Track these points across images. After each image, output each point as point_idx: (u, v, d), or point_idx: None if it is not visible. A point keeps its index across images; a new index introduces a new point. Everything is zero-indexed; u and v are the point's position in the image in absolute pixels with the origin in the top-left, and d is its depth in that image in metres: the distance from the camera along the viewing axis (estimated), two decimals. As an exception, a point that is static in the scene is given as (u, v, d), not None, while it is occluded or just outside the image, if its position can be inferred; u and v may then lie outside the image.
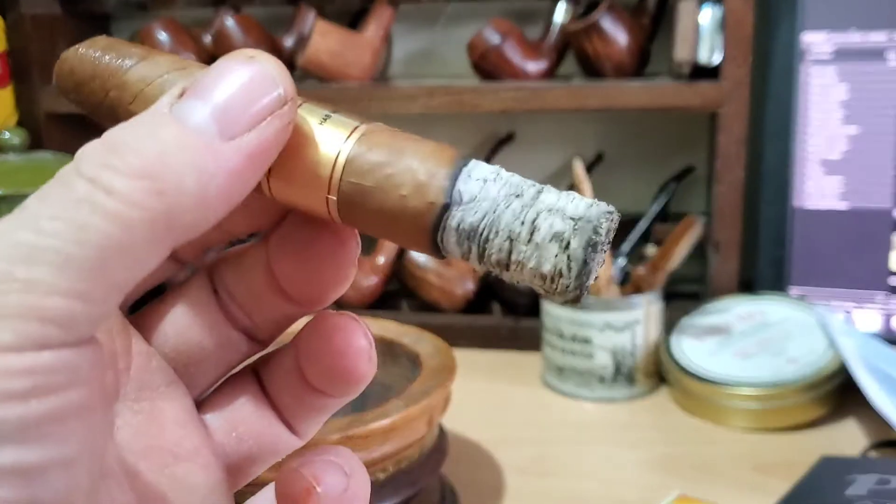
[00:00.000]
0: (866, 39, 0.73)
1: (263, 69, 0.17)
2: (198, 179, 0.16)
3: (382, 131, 0.18)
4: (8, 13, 0.90)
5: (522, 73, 0.78)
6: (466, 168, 0.18)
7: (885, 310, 0.75)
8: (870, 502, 0.46)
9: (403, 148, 0.17)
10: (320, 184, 0.17)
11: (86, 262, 0.15)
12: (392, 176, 0.17)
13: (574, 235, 0.16)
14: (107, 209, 0.15)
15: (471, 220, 0.17)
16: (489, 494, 0.55)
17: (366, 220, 0.17)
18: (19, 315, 0.14)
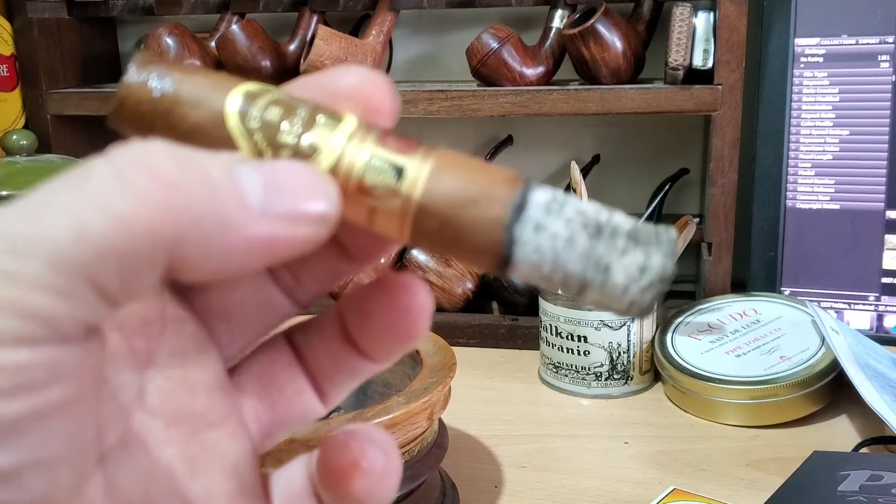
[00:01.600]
0: (857, 44, 0.74)
1: (325, 184, 0.17)
2: (214, 224, 0.15)
3: (444, 166, 0.18)
4: (15, 18, 0.91)
5: (521, 77, 0.79)
6: (524, 212, 0.17)
7: (876, 309, 0.76)
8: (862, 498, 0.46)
9: (465, 199, 0.18)
10: (400, 227, 0.18)
11: (79, 262, 0.14)
12: (458, 228, 0.17)
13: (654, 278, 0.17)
14: (114, 212, 0.14)
15: (533, 267, 0.17)
16: (488, 489, 0.56)
17: (438, 253, 0.18)
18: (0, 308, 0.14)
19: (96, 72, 0.99)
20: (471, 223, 0.17)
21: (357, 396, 0.55)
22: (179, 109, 0.17)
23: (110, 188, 0.15)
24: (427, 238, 0.18)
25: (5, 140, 0.79)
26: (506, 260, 0.17)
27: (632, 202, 0.92)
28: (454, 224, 0.17)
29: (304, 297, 0.21)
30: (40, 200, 0.15)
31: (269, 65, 0.84)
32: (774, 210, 0.77)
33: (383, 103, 0.19)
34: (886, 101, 0.74)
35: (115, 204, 0.14)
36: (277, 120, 0.17)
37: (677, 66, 0.74)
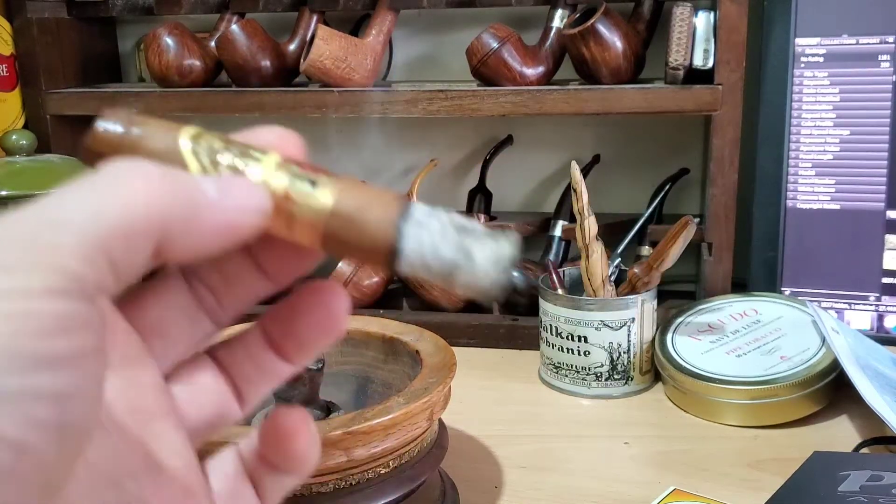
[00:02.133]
0: (858, 44, 0.74)
1: (259, 188, 0.22)
2: (189, 212, 0.21)
3: (348, 186, 0.23)
4: (15, 18, 0.91)
5: (521, 77, 0.79)
6: (408, 214, 0.23)
7: (877, 309, 0.76)
8: (862, 498, 0.46)
9: (365, 206, 0.23)
10: (314, 231, 0.23)
11: (97, 237, 0.19)
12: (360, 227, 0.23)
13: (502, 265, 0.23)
14: (120, 200, 0.19)
15: (417, 255, 0.23)
16: (488, 489, 0.56)
17: (341, 254, 0.24)
18: (45, 268, 0.18)
19: (96, 72, 0.99)
20: (370, 223, 0.22)
21: (357, 397, 0.55)
22: (143, 144, 0.23)
23: (114, 184, 0.20)
24: (335, 239, 0.23)
25: (5, 140, 0.79)
26: (397, 251, 0.22)
27: (632, 202, 0.92)
28: (357, 225, 0.22)
29: (224, 318, 0.26)
30: (64, 195, 0.19)
31: (268, 64, 0.84)
32: (775, 210, 0.77)
33: (296, 152, 0.24)
34: (887, 101, 0.74)
35: (119, 195, 0.20)
36: (219, 149, 0.23)
37: (678, 66, 0.74)
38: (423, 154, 0.96)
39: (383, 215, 0.23)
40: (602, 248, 0.70)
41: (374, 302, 0.87)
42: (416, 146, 0.97)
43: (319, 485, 0.42)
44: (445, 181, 0.97)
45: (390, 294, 0.90)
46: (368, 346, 0.55)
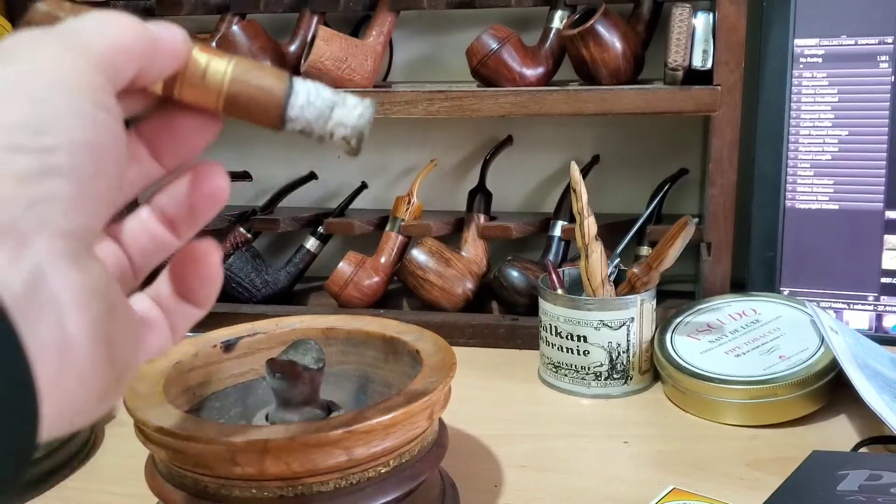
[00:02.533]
0: (856, 44, 0.74)
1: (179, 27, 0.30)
2: (155, 39, 0.28)
3: (244, 66, 0.30)
4: (16, 19, 0.92)
5: (520, 78, 0.79)
6: (293, 97, 0.30)
7: (875, 309, 0.77)
8: (861, 497, 0.46)
9: (257, 80, 0.30)
10: (214, 92, 0.30)
11: (109, 49, 0.26)
12: (251, 100, 0.30)
13: (352, 137, 0.32)
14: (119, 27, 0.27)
15: (298, 126, 0.31)
16: (488, 488, 0.56)
17: (239, 114, 0.31)
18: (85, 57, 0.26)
19: (97, 72, 0.99)
20: (266, 83, 0.30)
21: (357, 396, 0.55)
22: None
23: (112, 21, 0.27)
24: (238, 97, 0.30)
25: (6, 140, 0.79)
26: (286, 105, 0.30)
27: (631, 202, 0.92)
28: (255, 85, 0.30)
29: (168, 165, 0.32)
30: (76, 24, 0.26)
31: (269, 65, 0.84)
32: (774, 210, 0.78)
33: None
34: (885, 102, 0.74)
35: (119, 25, 0.27)
36: None
37: (677, 67, 0.74)
38: (423, 154, 0.96)
39: (275, 77, 0.30)
40: (601, 248, 0.70)
41: (374, 302, 0.87)
42: (416, 146, 0.97)
43: (320, 483, 0.43)
44: (445, 181, 0.97)
45: (390, 294, 0.91)
46: (369, 346, 0.55)
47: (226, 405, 0.53)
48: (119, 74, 0.27)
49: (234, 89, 0.30)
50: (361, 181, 0.96)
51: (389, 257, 0.88)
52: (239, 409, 0.53)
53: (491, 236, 0.87)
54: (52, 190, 0.23)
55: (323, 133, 0.32)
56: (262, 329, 0.56)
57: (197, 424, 0.43)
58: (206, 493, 0.43)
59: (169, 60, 0.29)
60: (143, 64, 0.27)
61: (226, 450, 0.41)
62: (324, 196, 1.01)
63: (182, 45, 0.29)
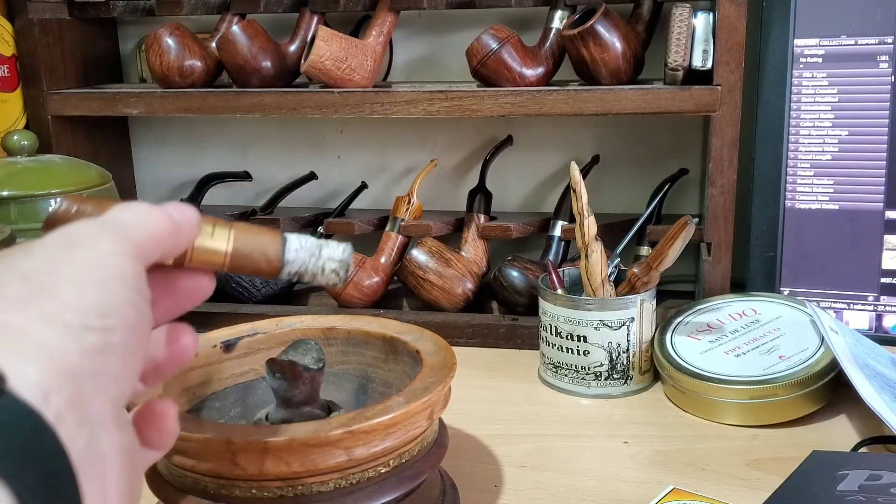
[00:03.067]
0: (856, 44, 0.74)
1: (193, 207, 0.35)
2: (176, 228, 0.33)
3: (243, 230, 0.36)
4: (16, 18, 0.92)
5: (520, 78, 0.79)
6: (288, 244, 0.37)
7: (875, 309, 0.77)
8: (861, 497, 0.46)
9: (256, 239, 0.36)
10: (221, 256, 0.36)
11: (143, 238, 0.31)
12: (253, 253, 0.36)
13: (341, 268, 0.38)
14: (152, 218, 0.32)
15: (294, 267, 0.37)
16: (488, 488, 0.56)
17: (244, 268, 0.36)
18: (125, 245, 0.30)
19: (97, 72, 1.00)
20: (264, 240, 0.36)
21: (357, 396, 0.55)
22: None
23: (146, 212, 0.32)
24: (240, 258, 0.36)
25: (6, 140, 0.79)
26: (283, 251, 0.37)
27: (631, 202, 0.92)
28: (255, 242, 0.36)
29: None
30: (116, 213, 0.32)
31: (269, 65, 0.84)
32: (773, 210, 0.78)
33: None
34: (885, 102, 0.74)
35: (152, 217, 0.32)
36: None
37: (677, 67, 0.74)
38: (424, 154, 0.96)
39: (270, 234, 0.37)
40: (601, 248, 0.70)
41: (374, 302, 0.87)
42: (416, 146, 0.97)
43: (320, 484, 0.43)
44: (445, 181, 0.97)
45: (390, 294, 0.91)
46: (369, 346, 0.55)
47: (226, 405, 0.53)
48: (149, 259, 0.32)
49: (239, 250, 0.36)
50: (361, 181, 0.96)
51: (389, 257, 0.88)
52: (239, 409, 0.53)
53: (491, 236, 0.87)
54: (109, 363, 0.27)
55: (316, 269, 0.38)
56: (262, 329, 0.56)
57: (197, 424, 0.43)
58: (206, 493, 0.43)
59: (186, 242, 0.34)
60: (168, 249, 0.33)
61: (226, 450, 0.41)
62: (324, 196, 1.01)
63: (196, 228, 0.34)
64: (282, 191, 0.97)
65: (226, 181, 1.00)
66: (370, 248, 0.90)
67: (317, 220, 0.94)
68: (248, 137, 1.02)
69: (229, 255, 0.35)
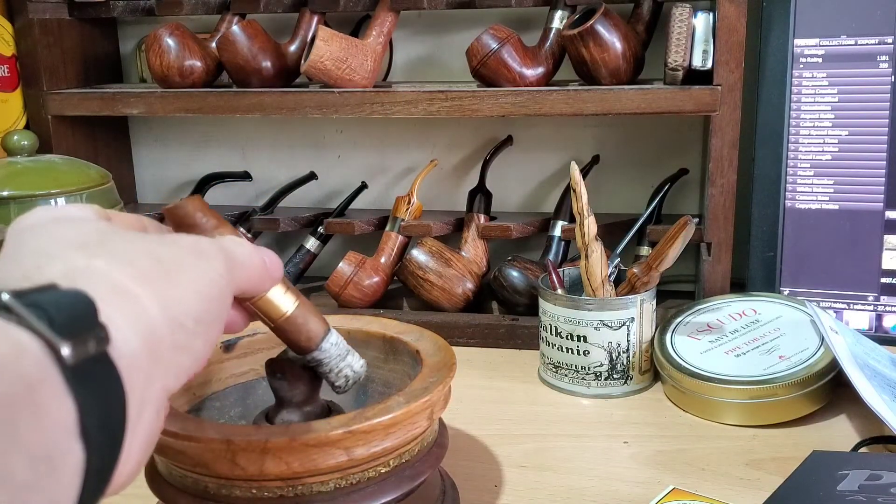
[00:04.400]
0: (856, 44, 0.74)
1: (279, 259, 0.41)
2: (262, 270, 0.39)
3: (306, 305, 0.42)
4: (16, 18, 0.92)
5: (520, 78, 0.79)
6: (329, 336, 0.43)
7: (875, 309, 0.77)
8: (861, 497, 0.46)
9: (310, 318, 0.42)
10: (280, 315, 0.42)
11: (242, 279, 0.37)
12: (302, 327, 0.42)
13: (352, 378, 0.45)
14: (253, 258, 0.38)
15: (320, 356, 0.44)
16: (488, 488, 0.56)
17: (287, 335, 0.42)
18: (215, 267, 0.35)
19: (97, 72, 1.00)
20: (315, 320, 0.43)
21: (357, 396, 0.55)
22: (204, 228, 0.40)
23: (240, 249, 0.38)
24: (289, 325, 0.42)
25: (6, 140, 0.79)
26: (323, 339, 0.43)
27: (631, 202, 0.92)
28: (309, 319, 0.42)
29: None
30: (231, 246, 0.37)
31: (269, 65, 0.84)
32: (773, 210, 0.78)
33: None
34: (885, 102, 0.74)
35: (243, 255, 0.38)
36: None
37: (677, 67, 0.74)
38: (424, 154, 0.96)
39: (321, 319, 0.43)
40: (601, 248, 0.70)
41: (374, 302, 0.87)
42: (416, 146, 0.97)
43: (320, 484, 0.43)
44: (445, 181, 0.97)
45: (390, 294, 0.91)
46: (369, 346, 0.55)
47: (226, 405, 0.53)
48: (239, 292, 0.37)
49: (294, 319, 0.41)
50: (361, 181, 0.96)
51: (389, 257, 0.88)
52: (239, 409, 0.53)
53: (491, 236, 0.87)
54: (182, 361, 0.32)
55: (334, 368, 0.44)
56: (263, 329, 0.56)
57: (197, 424, 0.43)
58: (207, 493, 0.43)
59: (264, 290, 0.40)
60: (252, 290, 0.39)
61: (226, 450, 0.41)
62: (324, 196, 1.01)
63: (278, 282, 0.40)
64: (282, 191, 0.97)
65: (226, 181, 1.00)
66: (370, 248, 0.90)
67: (317, 220, 0.94)
68: (248, 137, 1.02)
69: (284, 318, 0.41)
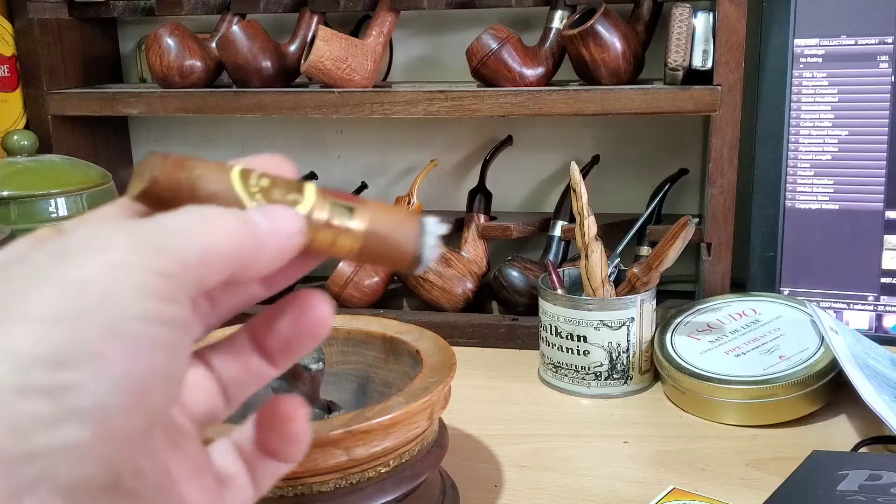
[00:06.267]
0: (856, 44, 0.74)
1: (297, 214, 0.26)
2: (259, 241, 0.25)
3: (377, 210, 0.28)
4: (16, 18, 0.92)
5: (520, 78, 0.79)
6: (427, 229, 0.29)
7: (875, 309, 0.77)
8: (861, 497, 0.46)
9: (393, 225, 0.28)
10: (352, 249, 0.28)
11: (196, 251, 0.23)
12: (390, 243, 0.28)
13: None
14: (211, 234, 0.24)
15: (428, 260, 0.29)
16: (488, 488, 0.56)
17: (370, 262, 0.29)
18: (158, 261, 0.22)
19: (97, 72, 1.00)
20: (399, 240, 0.28)
21: (357, 396, 0.55)
22: (199, 185, 0.26)
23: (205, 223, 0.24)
24: (370, 253, 0.28)
25: (6, 140, 0.79)
26: (420, 259, 0.28)
27: (631, 202, 0.92)
28: (388, 241, 0.28)
29: (215, 322, 0.29)
30: (166, 222, 0.24)
31: (269, 65, 0.84)
32: (774, 210, 0.78)
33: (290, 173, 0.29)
34: (885, 102, 0.74)
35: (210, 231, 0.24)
36: (268, 185, 0.27)
37: (677, 67, 0.74)
38: (424, 154, 0.96)
39: (408, 233, 0.28)
40: (601, 248, 0.70)
41: (374, 302, 0.87)
42: (416, 146, 0.97)
43: (320, 484, 0.43)
44: (445, 181, 0.97)
45: (391, 294, 0.91)
46: (369, 346, 0.55)
47: (226, 405, 0.53)
48: (203, 281, 0.24)
49: (366, 248, 0.28)
50: (361, 181, 0.96)
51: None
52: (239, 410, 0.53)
53: (491, 236, 0.87)
54: (65, 438, 0.19)
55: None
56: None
57: (197, 424, 0.43)
58: (207, 493, 0.43)
59: (276, 259, 0.26)
60: (238, 267, 0.25)
61: (226, 450, 0.41)
62: (324, 196, 1.01)
63: (294, 241, 0.26)
64: (282, 191, 0.97)
65: (226, 181, 0.99)
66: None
67: (317, 220, 0.94)
68: (248, 137, 1.02)
69: (357, 252, 0.28)
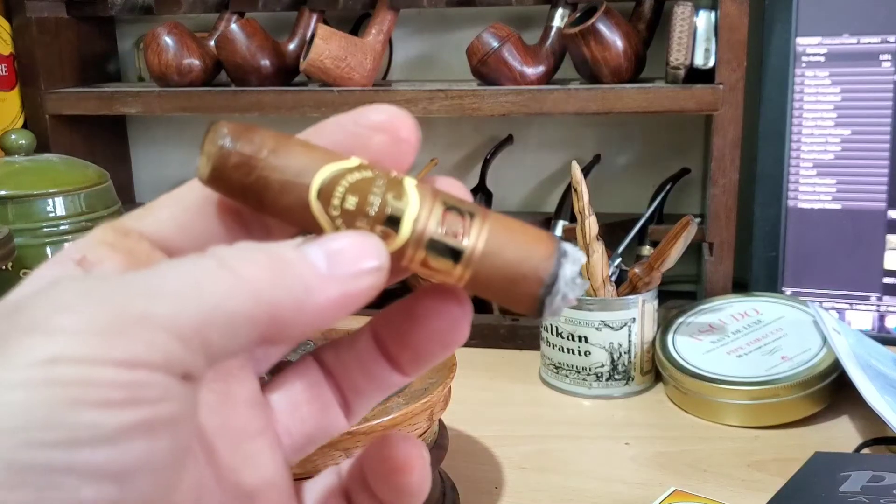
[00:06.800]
0: (859, 43, 0.74)
1: (373, 241, 0.20)
2: (302, 291, 0.19)
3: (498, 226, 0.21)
4: (14, 17, 0.91)
5: (521, 77, 0.78)
6: (563, 264, 0.21)
7: (878, 309, 0.76)
8: (863, 498, 0.46)
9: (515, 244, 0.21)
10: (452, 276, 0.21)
11: (195, 314, 0.17)
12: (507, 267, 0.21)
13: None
14: (224, 281, 0.18)
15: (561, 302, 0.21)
16: (488, 489, 0.56)
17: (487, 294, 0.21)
18: (131, 337, 0.17)
19: (95, 71, 0.99)
20: (514, 295, 0.21)
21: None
22: (269, 194, 0.20)
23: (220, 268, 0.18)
24: (482, 283, 0.21)
25: (4, 139, 0.79)
26: (540, 312, 0.21)
27: (633, 202, 0.92)
28: (500, 293, 0.21)
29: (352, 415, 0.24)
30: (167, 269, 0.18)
31: (268, 64, 0.84)
32: (776, 210, 0.77)
33: (409, 136, 0.22)
34: (888, 101, 0.73)
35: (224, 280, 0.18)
36: (354, 209, 0.20)
37: (678, 66, 0.73)
38: (423, 154, 0.96)
39: (529, 291, 0.21)
40: (603, 248, 0.69)
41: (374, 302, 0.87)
42: (416, 146, 0.97)
43: (319, 486, 0.42)
44: (445, 181, 0.97)
45: (391, 294, 0.90)
46: (368, 347, 0.55)
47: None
48: (218, 353, 0.18)
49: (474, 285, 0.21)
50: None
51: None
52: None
53: (491, 236, 0.87)
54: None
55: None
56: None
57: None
58: (204, 495, 0.43)
59: (330, 311, 0.20)
60: (269, 329, 0.19)
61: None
62: (323, 195, 1.01)
63: (364, 283, 0.20)
64: (281, 190, 0.97)
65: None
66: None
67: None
68: (248, 137, 1.02)
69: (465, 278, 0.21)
